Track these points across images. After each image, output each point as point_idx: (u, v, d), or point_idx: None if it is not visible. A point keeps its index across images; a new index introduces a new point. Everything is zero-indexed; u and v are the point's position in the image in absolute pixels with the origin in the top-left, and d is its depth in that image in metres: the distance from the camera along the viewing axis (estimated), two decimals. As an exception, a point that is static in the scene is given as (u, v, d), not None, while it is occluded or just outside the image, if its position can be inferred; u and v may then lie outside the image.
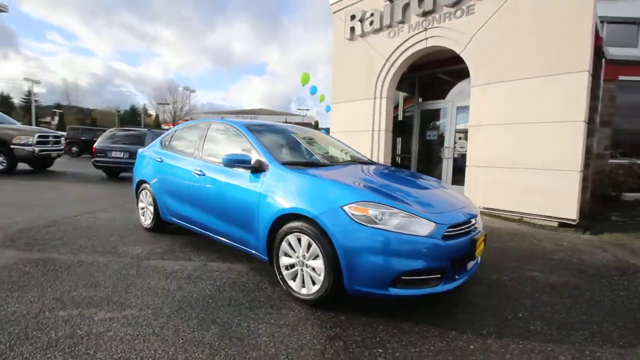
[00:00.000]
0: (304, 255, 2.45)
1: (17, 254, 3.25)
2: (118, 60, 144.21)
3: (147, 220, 4.29)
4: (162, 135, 4.47)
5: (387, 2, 7.27)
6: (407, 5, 6.94)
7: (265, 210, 2.66)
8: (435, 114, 8.50)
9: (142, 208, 4.38)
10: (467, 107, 7.74)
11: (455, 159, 7.84)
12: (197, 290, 2.62)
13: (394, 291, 2.14)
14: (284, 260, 2.58)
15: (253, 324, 2.17)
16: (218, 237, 3.27)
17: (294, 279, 2.55)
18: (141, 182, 4.36)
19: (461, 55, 6.31)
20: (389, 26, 7.35)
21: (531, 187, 5.39)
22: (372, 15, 7.58)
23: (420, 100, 8.98)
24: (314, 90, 16.03)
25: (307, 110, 54.48)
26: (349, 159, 3.70)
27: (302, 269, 2.48)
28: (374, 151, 7.87)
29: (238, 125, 3.37)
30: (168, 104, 40.69)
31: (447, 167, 8.01)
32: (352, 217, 2.21)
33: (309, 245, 2.40)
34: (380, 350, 1.94)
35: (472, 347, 2.01)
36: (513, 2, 5.52)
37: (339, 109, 8.73)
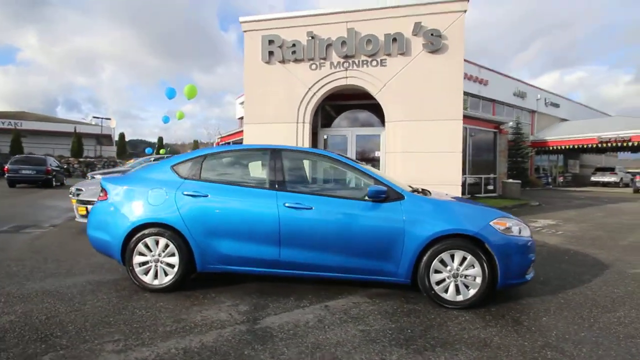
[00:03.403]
0: (457, 268, 2.92)
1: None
2: None
3: (161, 277, 3.15)
4: (170, 164, 3.38)
5: (310, 38, 8.03)
6: (330, 46, 7.97)
7: (414, 236, 2.91)
8: (336, 140, 9.86)
9: (144, 263, 3.15)
10: (365, 136, 9.59)
11: (357, 178, 9.43)
12: (380, 328, 2.53)
13: (527, 277, 3.04)
14: (435, 277, 2.94)
15: (468, 333, 2.48)
16: (325, 273, 3.08)
17: (446, 291, 2.94)
18: (144, 226, 3.14)
19: (376, 96, 7.94)
20: (311, 59, 8.12)
21: (432, 197, 7.54)
22: (294, 45, 8.10)
23: (319, 126, 10.13)
24: (172, 94, 13.94)
25: (108, 119, 45.41)
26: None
27: (455, 280, 2.93)
28: (299, 172, 8.30)
29: (333, 155, 3.29)
30: None
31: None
32: (498, 230, 2.95)
33: (464, 258, 2.91)
34: (555, 322, 2.77)
35: (587, 304, 3.16)
36: (413, 65, 7.63)
37: (253, 129, 8.57)
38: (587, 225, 7.52)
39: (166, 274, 3.15)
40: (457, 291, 2.93)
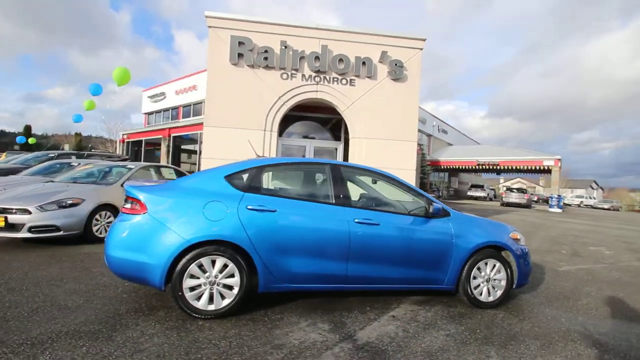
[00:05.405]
0: (489, 274, 3.49)
1: None
2: None
3: (217, 301, 2.81)
4: (222, 174, 3.05)
5: (283, 47, 8.00)
6: (302, 58, 8.09)
7: (460, 248, 3.36)
8: (294, 150, 9.90)
9: (195, 287, 2.77)
10: (322, 148, 9.91)
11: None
12: (455, 331, 2.87)
13: (529, 279, 3.82)
14: (474, 283, 3.45)
15: (517, 327, 3.04)
16: (387, 285, 3.28)
17: (481, 294, 3.48)
18: (199, 245, 2.76)
19: (343, 113, 8.40)
20: (283, 69, 8.08)
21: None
22: (266, 52, 7.93)
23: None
24: (98, 91, 11.50)
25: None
26: None
27: (487, 284, 3.49)
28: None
29: (387, 173, 3.52)
30: None
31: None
32: (514, 240, 3.66)
33: (494, 266, 3.51)
34: (556, 312, 3.57)
35: (560, 297, 4.08)
36: (378, 88, 8.39)
37: (215, 133, 7.97)
38: (499, 233, 9.46)
39: (223, 298, 2.83)
40: (489, 293, 3.50)
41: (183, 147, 20.40)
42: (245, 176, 3.08)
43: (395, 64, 8.29)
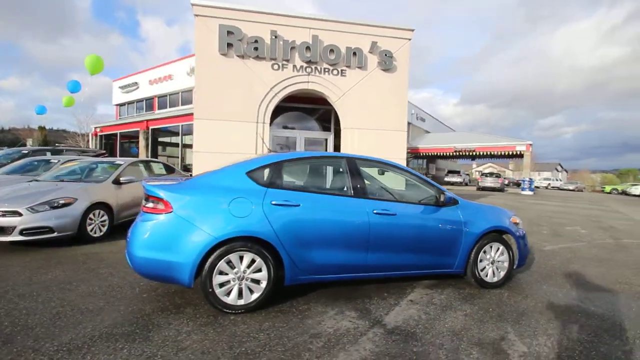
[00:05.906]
0: (494, 256, 3.74)
1: None
2: None
3: (246, 296, 2.86)
4: (244, 170, 3.04)
5: (273, 37, 7.86)
6: (293, 49, 7.99)
7: (469, 234, 3.57)
8: (284, 140, 9.86)
9: (225, 283, 2.81)
10: (312, 139, 9.93)
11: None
12: (471, 311, 3.08)
13: (526, 260, 4.12)
14: (480, 265, 3.68)
15: (523, 304, 3.30)
16: (403, 272, 3.45)
17: (487, 275, 3.72)
18: (227, 241, 2.78)
19: (335, 103, 8.43)
20: (274, 59, 7.97)
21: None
22: (256, 42, 7.77)
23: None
24: (77, 88, 10.71)
25: None
26: None
27: (492, 266, 3.74)
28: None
29: (399, 165, 3.65)
30: None
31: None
32: (514, 224, 3.92)
33: (498, 249, 3.76)
34: (553, 289, 3.88)
35: (551, 275, 4.42)
36: (369, 79, 8.46)
37: (206, 125, 7.79)
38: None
39: (251, 292, 2.88)
40: (493, 275, 3.75)
41: (160, 139, 19.69)
42: (266, 172, 3.10)
43: (385, 54, 8.38)
